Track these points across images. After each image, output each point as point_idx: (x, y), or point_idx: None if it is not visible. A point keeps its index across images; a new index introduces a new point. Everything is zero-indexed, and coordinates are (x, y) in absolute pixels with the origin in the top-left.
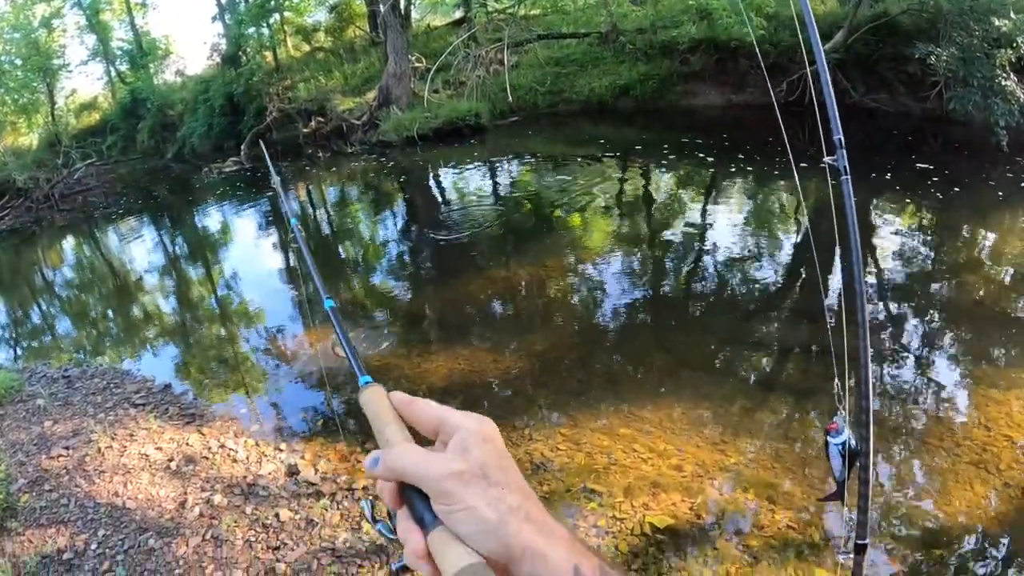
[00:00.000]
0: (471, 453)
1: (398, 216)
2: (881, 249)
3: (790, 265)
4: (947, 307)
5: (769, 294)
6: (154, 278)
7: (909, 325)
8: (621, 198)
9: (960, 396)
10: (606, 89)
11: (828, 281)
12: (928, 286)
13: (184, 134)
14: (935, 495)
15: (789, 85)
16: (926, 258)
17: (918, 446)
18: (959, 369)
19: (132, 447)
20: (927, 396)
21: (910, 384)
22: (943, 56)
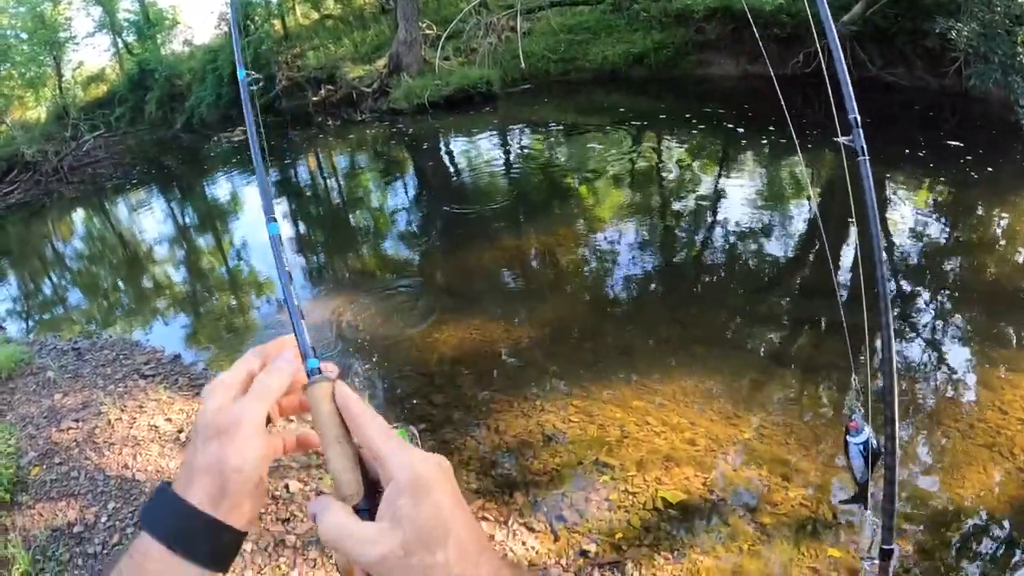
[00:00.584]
0: (402, 521)
1: (408, 184)
2: (895, 226)
3: (803, 241)
4: (964, 287)
5: (781, 269)
6: (164, 249)
7: (926, 305)
8: (633, 168)
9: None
10: (619, 57)
11: (840, 261)
12: (944, 265)
13: (192, 104)
14: (952, 481)
15: (806, 57)
16: (942, 237)
17: (937, 432)
18: (982, 353)
19: (142, 419)
20: (949, 382)
21: (932, 370)
22: (963, 31)
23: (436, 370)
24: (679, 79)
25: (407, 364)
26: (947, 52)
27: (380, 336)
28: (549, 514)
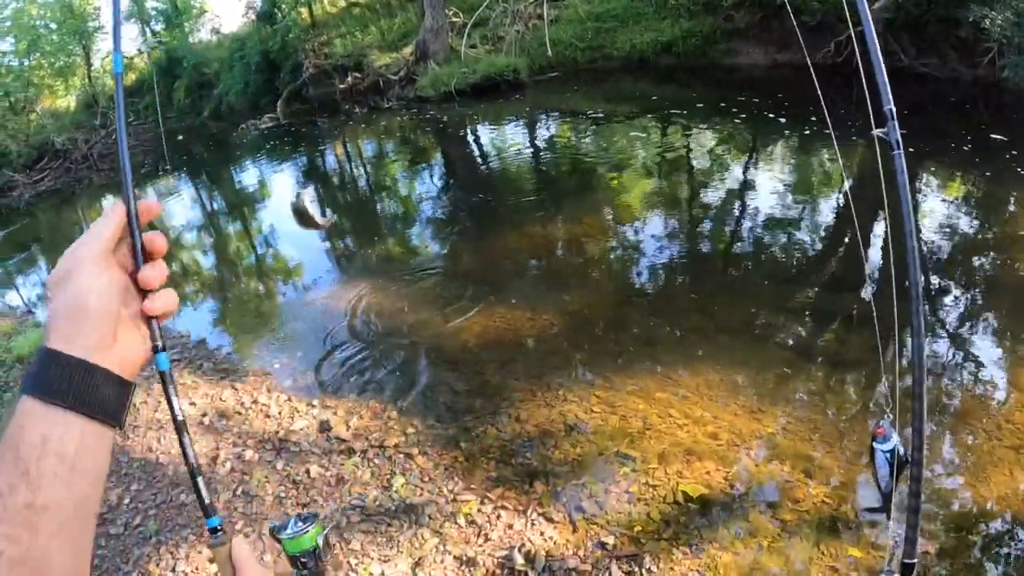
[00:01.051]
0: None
1: (435, 172)
2: (932, 220)
3: (834, 234)
4: (1000, 285)
5: (811, 261)
6: (191, 234)
7: (956, 301)
8: (661, 157)
9: None
10: (647, 45)
11: (871, 256)
12: (979, 261)
13: (220, 92)
14: (978, 483)
15: (837, 46)
16: (980, 232)
17: (963, 432)
18: (1014, 353)
19: (166, 402)
20: (978, 381)
21: (961, 369)
22: (997, 20)
23: (460, 357)
24: (707, 68)
25: (431, 350)
26: (980, 42)
27: (405, 322)
28: (568, 504)
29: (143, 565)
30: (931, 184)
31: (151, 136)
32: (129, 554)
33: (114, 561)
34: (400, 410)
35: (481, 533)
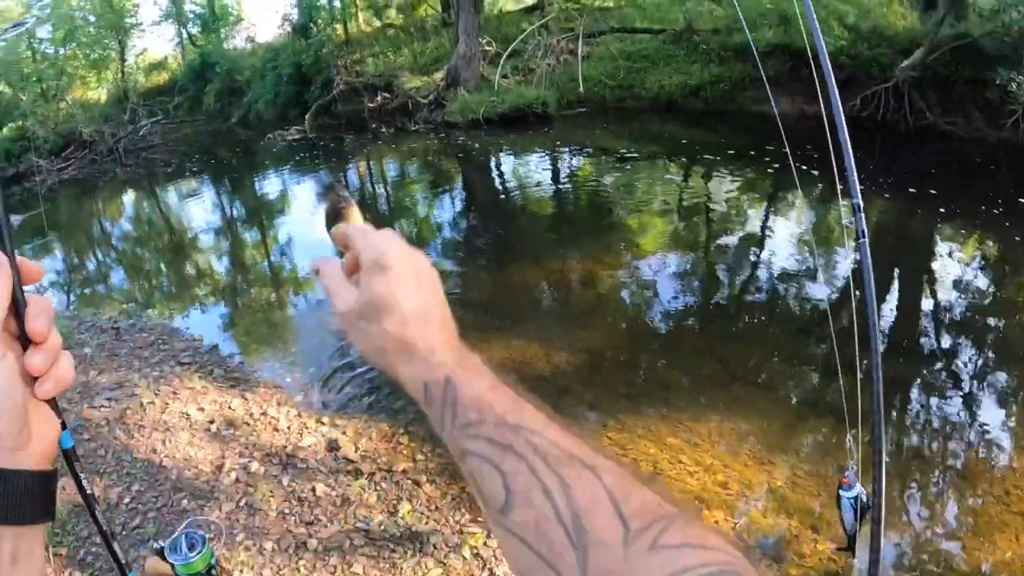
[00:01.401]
0: (362, 290)
1: (456, 198)
2: (938, 276)
3: (843, 290)
4: (1000, 345)
5: (821, 316)
6: (209, 238)
7: (970, 363)
8: (681, 200)
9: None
10: (676, 88)
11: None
12: (984, 318)
13: (250, 100)
14: (981, 548)
15: (863, 100)
16: (985, 291)
17: (971, 498)
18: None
19: (174, 405)
20: (980, 442)
21: (971, 436)
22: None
23: None
24: (734, 114)
25: None
26: (1006, 104)
27: None
28: None
29: (138, 569)
30: (959, 243)
31: (177, 136)
32: (125, 554)
33: (108, 560)
34: (410, 435)
35: (486, 567)
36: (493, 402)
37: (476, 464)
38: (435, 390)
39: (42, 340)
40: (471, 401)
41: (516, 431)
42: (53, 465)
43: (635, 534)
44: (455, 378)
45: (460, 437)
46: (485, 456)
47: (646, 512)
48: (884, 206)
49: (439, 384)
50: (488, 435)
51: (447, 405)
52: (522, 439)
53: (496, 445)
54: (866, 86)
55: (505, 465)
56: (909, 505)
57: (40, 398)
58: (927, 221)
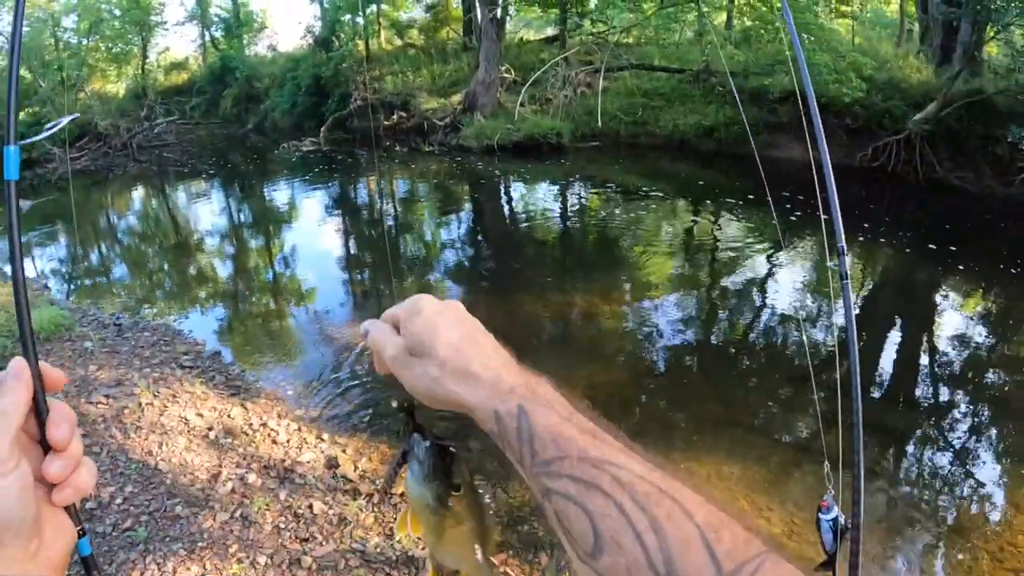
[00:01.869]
0: (406, 331)
1: (464, 221)
2: (935, 328)
3: (865, 333)
4: (991, 398)
5: (824, 363)
6: (216, 242)
7: (968, 417)
8: (688, 241)
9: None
10: (690, 128)
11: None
12: (973, 370)
13: (267, 107)
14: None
15: (874, 150)
16: (980, 345)
17: (966, 554)
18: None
19: (173, 408)
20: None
21: (966, 491)
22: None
23: None
24: (745, 157)
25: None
26: (1016, 161)
27: None
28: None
29: (127, 571)
30: (961, 297)
31: (192, 137)
32: (113, 556)
33: (96, 560)
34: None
35: None
36: (573, 435)
37: (562, 505)
38: (509, 422)
39: (63, 448)
40: (549, 435)
41: (600, 467)
42: (65, 571)
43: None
44: (529, 408)
45: (542, 475)
46: (571, 496)
47: (737, 552)
48: (888, 256)
49: (512, 415)
50: (572, 473)
51: (524, 441)
52: (607, 475)
53: (581, 483)
54: (878, 137)
55: (592, 505)
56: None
57: (57, 505)
58: (930, 273)
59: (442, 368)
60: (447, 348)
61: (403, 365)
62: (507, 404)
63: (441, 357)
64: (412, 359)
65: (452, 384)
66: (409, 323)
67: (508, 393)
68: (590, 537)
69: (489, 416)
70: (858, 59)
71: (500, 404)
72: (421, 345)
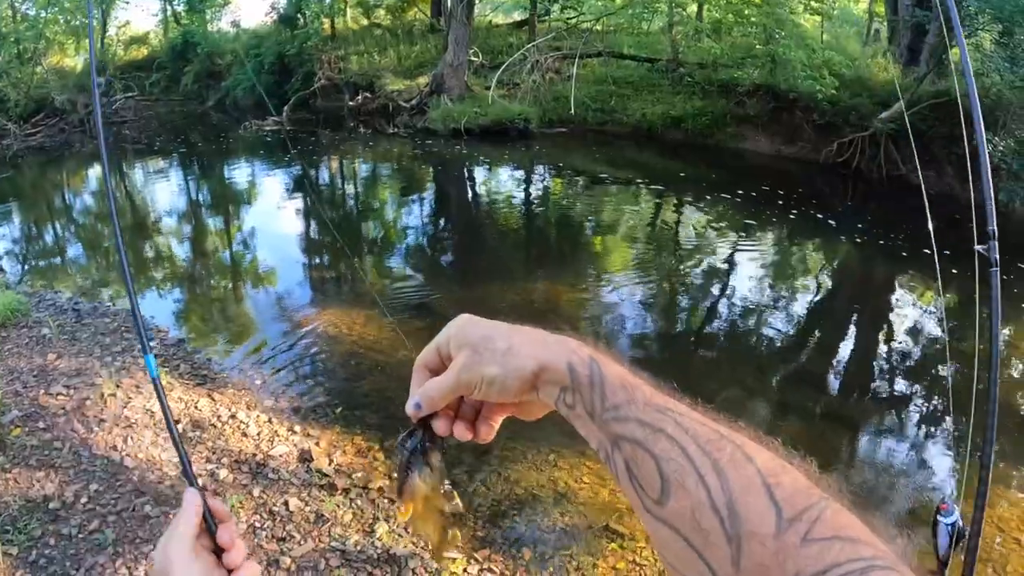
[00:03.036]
0: (458, 353)
1: (427, 205)
2: (893, 322)
3: (813, 326)
4: None
5: (811, 351)
6: (176, 223)
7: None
8: (652, 229)
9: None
10: (658, 117)
11: (852, 353)
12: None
13: (229, 85)
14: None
15: (839, 146)
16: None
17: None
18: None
19: (137, 400)
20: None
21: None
22: (999, 146)
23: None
24: (712, 148)
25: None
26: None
27: (395, 359)
28: (556, 575)
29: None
30: (919, 294)
31: (151, 114)
32: (81, 560)
33: (63, 565)
34: (386, 451)
35: None
36: (639, 383)
37: (630, 451)
38: (581, 369)
39: (229, 547)
40: (619, 381)
41: (664, 412)
42: None
43: (787, 523)
44: (599, 358)
45: (611, 421)
46: (638, 441)
47: (797, 498)
48: (848, 250)
49: (584, 363)
50: (639, 416)
51: (595, 387)
52: (671, 420)
53: (648, 427)
54: (844, 134)
55: (658, 448)
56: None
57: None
58: (889, 269)
59: (509, 339)
60: (506, 328)
61: (471, 365)
62: (579, 355)
63: (506, 331)
64: (476, 354)
65: (526, 349)
66: (459, 336)
67: (578, 347)
68: (657, 482)
69: (562, 370)
70: (832, 56)
71: (572, 355)
72: (482, 339)
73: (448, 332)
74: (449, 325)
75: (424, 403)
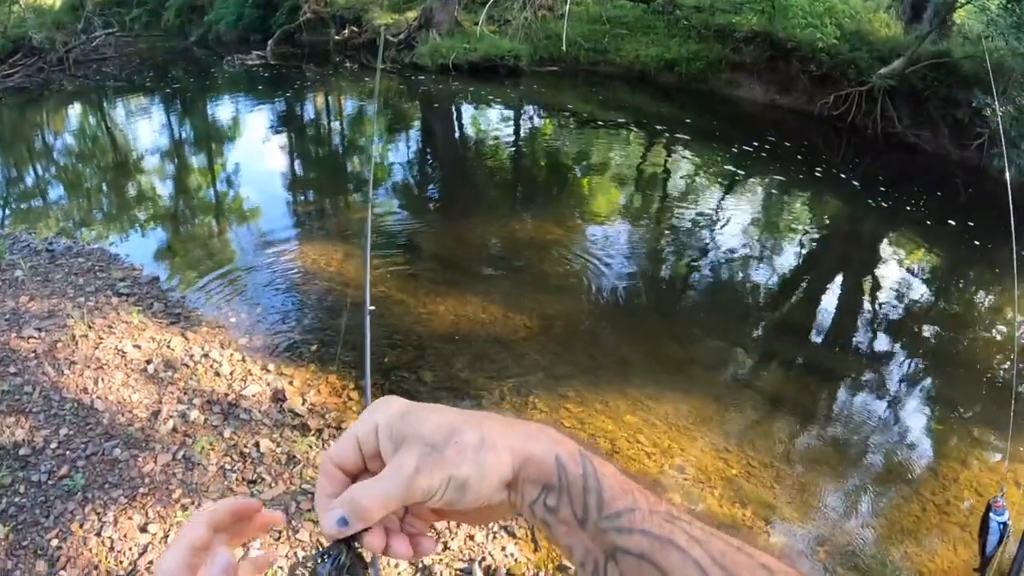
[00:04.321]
0: (403, 450)
1: (413, 142)
2: (880, 277)
3: (802, 279)
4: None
5: (780, 307)
6: (155, 161)
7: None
8: (640, 172)
9: None
10: (652, 59)
11: (840, 303)
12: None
13: (212, 19)
14: None
15: (836, 99)
16: (920, 300)
17: None
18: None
19: (109, 340)
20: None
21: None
22: (999, 112)
23: (429, 344)
24: (706, 94)
25: (400, 330)
26: (974, 126)
27: (373, 295)
28: None
29: (65, 523)
30: (906, 250)
31: (131, 51)
32: (51, 507)
33: (33, 512)
34: (361, 390)
35: (440, 541)
36: (638, 487)
37: (633, 567)
38: (572, 467)
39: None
40: (617, 483)
41: (674, 521)
42: None
43: None
44: (590, 455)
45: (611, 531)
46: (644, 554)
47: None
48: (838, 204)
49: (576, 461)
50: (645, 527)
51: (589, 490)
52: (681, 530)
53: (655, 539)
54: (841, 87)
55: (668, 563)
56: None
57: None
58: (878, 224)
59: (480, 429)
60: (467, 414)
61: (430, 467)
62: (567, 448)
63: (471, 420)
64: (435, 452)
65: (502, 440)
66: (400, 428)
67: (564, 439)
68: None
69: (548, 465)
70: (836, 5)
71: (560, 448)
72: (441, 431)
73: (375, 420)
74: (373, 411)
75: (353, 518)
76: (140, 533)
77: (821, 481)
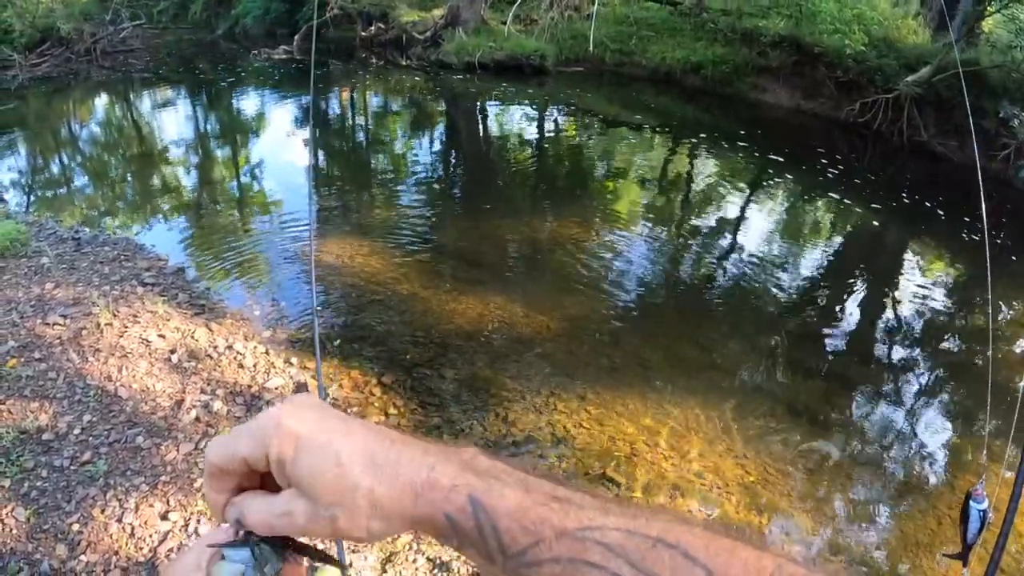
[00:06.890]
0: (301, 489)
1: (436, 140)
2: (900, 285)
3: (831, 287)
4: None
5: (802, 313)
6: (181, 153)
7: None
8: (664, 175)
9: None
10: (677, 62)
11: (871, 314)
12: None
13: (239, 13)
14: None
15: (862, 106)
16: (943, 311)
17: None
18: None
19: (134, 329)
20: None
21: None
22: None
23: (451, 342)
24: (731, 97)
25: (422, 327)
26: (1001, 137)
27: (397, 292)
28: None
29: (87, 508)
30: (928, 260)
31: (158, 43)
32: (72, 492)
33: (55, 497)
34: (383, 386)
35: None
36: (540, 511)
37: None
38: (464, 522)
39: None
40: (515, 521)
41: (583, 538)
42: None
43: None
44: (482, 498)
45: (520, 569)
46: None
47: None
48: (862, 212)
49: (466, 513)
50: (554, 555)
51: (487, 537)
52: (592, 543)
53: (566, 563)
54: (867, 93)
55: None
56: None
57: None
58: (901, 234)
59: (370, 492)
60: (358, 468)
61: (319, 526)
62: (455, 501)
63: (369, 478)
64: (325, 514)
65: (390, 505)
66: (296, 466)
67: (450, 491)
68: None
69: (440, 525)
70: (864, 12)
71: (447, 504)
72: (336, 487)
73: (266, 449)
74: (263, 422)
75: (256, 528)
76: (161, 521)
77: (838, 491)
